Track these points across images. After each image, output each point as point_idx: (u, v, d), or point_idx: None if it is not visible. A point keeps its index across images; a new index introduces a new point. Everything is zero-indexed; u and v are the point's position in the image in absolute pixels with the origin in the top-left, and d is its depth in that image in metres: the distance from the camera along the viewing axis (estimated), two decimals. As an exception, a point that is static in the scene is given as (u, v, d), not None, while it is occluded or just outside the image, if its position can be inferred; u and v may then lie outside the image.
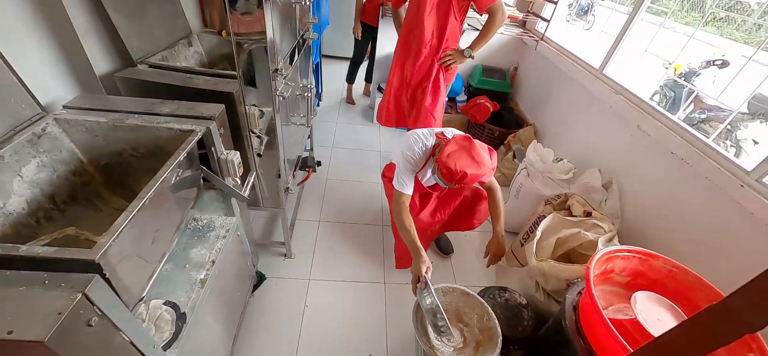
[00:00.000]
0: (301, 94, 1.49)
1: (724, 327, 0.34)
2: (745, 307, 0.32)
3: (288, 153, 1.49)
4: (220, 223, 1.24)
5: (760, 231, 1.21)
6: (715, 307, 0.36)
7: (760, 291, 0.31)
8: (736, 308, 0.33)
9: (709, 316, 0.36)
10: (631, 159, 1.83)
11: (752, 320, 0.31)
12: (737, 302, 0.33)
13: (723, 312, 0.35)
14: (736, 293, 0.34)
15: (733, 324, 0.33)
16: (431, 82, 2.00)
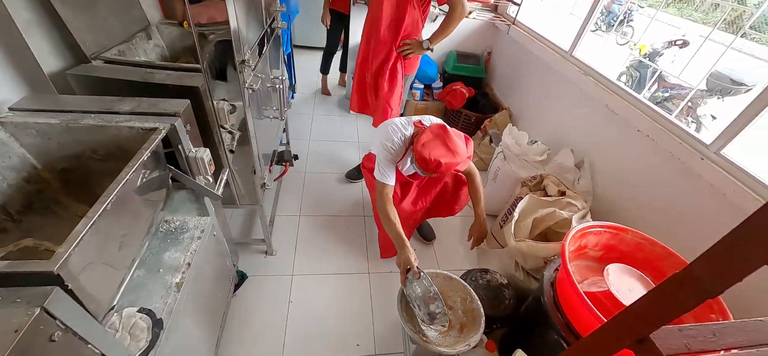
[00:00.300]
0: (272, 86, 1.45)
1: (687, 294, 0.35)
2: (705, 274, 0.34)
3: (262, 148, 1.45)
4: (194, 224, 1.19)
5: (719, 201, 1.28)
6: (678, 276, 0.37)
7: (718, 258, 0.33)
8: (697, 275, 0.35)
9: (673, 285, 0.37)
10: (601, 138, 1.90)
11: (712, 286, 0.32)
12: (698, 270, 0.35)
13: (686, 280, 0.36)
14: (696, 261, 0.35)
15: (695, 290, 0.34)
16: (388, 70, 1.98)
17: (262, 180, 1.43)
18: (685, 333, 0.43)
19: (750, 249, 0.29)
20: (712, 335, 0.41)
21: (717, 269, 0.32)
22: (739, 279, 0.29)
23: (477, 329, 1.32)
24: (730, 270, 0.30)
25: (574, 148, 2.02)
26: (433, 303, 1.30)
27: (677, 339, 0.42)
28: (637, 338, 0.42)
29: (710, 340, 0.40)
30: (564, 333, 1.15)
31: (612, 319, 0.46)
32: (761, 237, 0.28)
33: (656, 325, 0.39)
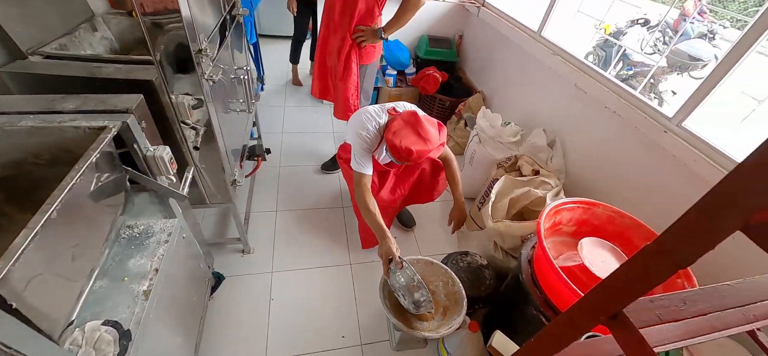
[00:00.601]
0: (237, 77, 1.37)
1: (659, 267, 0.35)
2: (676, 245, 0.33)
3: (230, 143, 1.38)
4: (161, 227, 1.12)
5: (681, 171, 1.34)
6: (649, 248, 0.37)
7: (687, 228, 0.32)
8: (667, 247, 0.34)
9: (644, 258, 0.37)
10: (571, 116, 1.94)
11: (683, 256, 0.32)
12: (668, 241, 0.34)
13: (656, 253, 0.36)
14: (666, 233, 0.35)
15: (666, 262, 0.34)
16: (344, 56, 1.92)
17: (232, 177, 1.37)
18: (657, 304, 0.43)
19: (719, 216, 0.28)
20: (682, 303, 0.42)
21: (687, 239, 0.32)
22: (710, 247, 0.29)
23: (459, 311, 1.34)
24: (701, 239, 0.30)
25: (546, 128, 2.06)
26: (417, 292, 1.30)
27: (649, 310, 0.43)
28: (611, 313, 0.42)
29: (681, 309, 0.41)
30: (542, 308, 1.18)
31: (586, 296, 0.46)
32: (730, 204, 0.27)
33: (629, 299, 0.39)
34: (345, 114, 2.05)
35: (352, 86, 2.01)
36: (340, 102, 2.06)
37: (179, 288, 1.26)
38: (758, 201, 0.25)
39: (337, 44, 1.89)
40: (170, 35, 0.86)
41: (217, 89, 1.18)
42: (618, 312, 0.41)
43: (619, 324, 0.40)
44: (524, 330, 1.29)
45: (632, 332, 0.38)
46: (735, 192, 0.27)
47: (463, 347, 1.37)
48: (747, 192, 0.26)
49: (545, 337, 0.54)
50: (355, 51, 1.90)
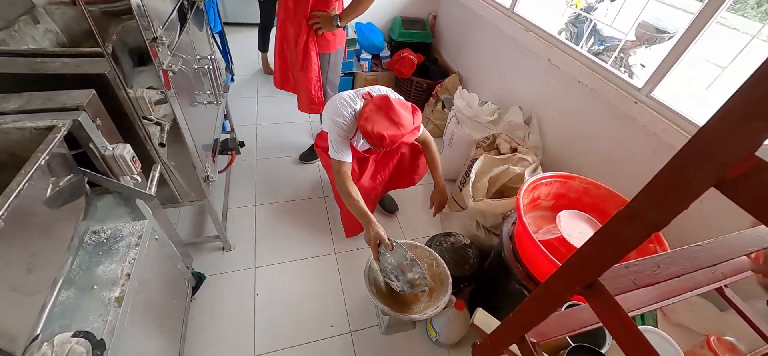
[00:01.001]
0: (201, 67, 1.29)
1: (633, 231, 0.35)
2: (647, 208, 0.33)
3: (200, 137, 1.32)
4: (130, 230, 1.06)
5: (652, 140, 1.38)
6: (622, 212, 0.36)
7: (659, 190, 0.32)
8: (640, 210, 0.34)
9: (618, 223, 0.37)
10: (545, 92, 1.96)
11: (657, 218, 0.32)
12: (641, 204, 0.34)
13: (629, 217, 0.36)
14: (639, 196, 0.35)
15: (640, 226, 0.34)
16: (302, 45, 1.82)
17: (204, 173, 1.31)
18: (632, 269, 0.44)
19: (692, 175, 0.28)
20: (656, 267, 0.43)
21: (659, 201, 0.32)
22: (684, 207, 0.28)
23: (445, 291, 1.35)
24: (673, 200, 0.29)
25: (522, 105, 2.08)
26: (410, 271, 1.29)
27: (624, 277, 0.43)
28: (586, 283, 0.42)
29: (655, 273, 0.42)
30: (524, 282, 1.21)
31: (562, 267, 0.46)
32: (703, 160, 0.27)
33: (604, 267, 0.39)
34: (309, 107, 1.97)
35: (313, 77, 1.89)
36: (303, 94, 1.95)
37: (156, 292, 1.21)
38: (732, 156, 0.24)
39: (294, 32, 1.78)
40: (120, 24, 0.79)
41: (180, 81, 1.12)
42: (593, 281, 0.41)
43: (594, 293, 0.40)
44: (508, 305, 1.32)
45: (607, 300, 0.38)
46: (708, 149, 0.26)
47: (450, 325, 1.39)
48: (720, 146, 0.25)
49: (524, 310, 0.54)
50: (312, 39, 1.79)
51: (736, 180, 0.25)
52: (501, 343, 0.61)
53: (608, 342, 1.00)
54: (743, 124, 0.23)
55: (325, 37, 1.82)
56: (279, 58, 2.01)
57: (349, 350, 1.48)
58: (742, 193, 0.25)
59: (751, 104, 0.22)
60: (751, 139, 0.23)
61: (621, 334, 0.36)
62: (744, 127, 0.23)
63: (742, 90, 0.23)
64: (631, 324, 0.35)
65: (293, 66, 1.94)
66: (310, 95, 1.92)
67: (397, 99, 1.40)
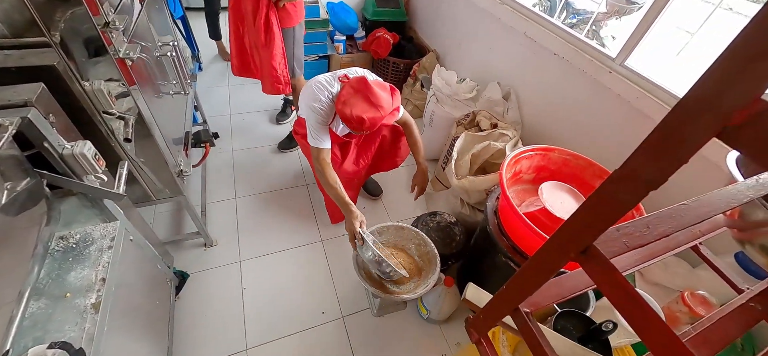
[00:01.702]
0: (163, 54, 1.20)
1: (628, 191, 0.34)
2: (644, 166, 0.33)
3: (169, 131, 1.24)
4: (101, 233, 1.00)
5: (626, 108, 1.42)
6: (616, 173, 0.36)
7: (655, 147, 0.31)
8: (635, 169, 0.33)
9: (612, 185, 0.36)
10: (522, 66, 1.97)
11: (652, 177, 0.31)
12: (636, 163, 0.33)
13: (624, 177, 0.35)
14: (634, 155, 0.34)
15: (635, 185, 0.33)
16: (262, 20, 1.71)
17: (177, 168, 1.25)
18: (623, 232, 0.44)
19: (692, 125, 0.27)
20: (645, 228, 0.43)
21: (657, 156, 0.31)
22: (683, 161, 0.28)
23: (434, 270, 1.36)
24: (672, 155, 0.29)
25: (500, 81, 2.08)
26: (381, 265, 1.30)
27: (616, 240, 0.43)
28: (581, 249, 0.41)
29: (645, 234, 0.42)
30: (510, 254, 1.24)
31: (554, 236, 0.46)
32: (705, 109, 0.26)
33: (600, 231, 0.39)
34: (274, 87, 1.87)
35: (278, 54, 1.80)
36: (267, 74, 1.85)
37: (137, 295, 1.17)
38: (736, 102, 0.23)
39: (251, 6, 1.67)
40: (67, 9, 0.71)
41: (142, 71, 1.04)
42: (588, 246, 0.41)
43: (589, 258, 0.40)
44: (495, 277, 1.35)
45: (604, 265, 0.38)
46: (710, 97, 0.25)
47: (440, 302, 1.41)
48: (724, 93, 0.24)
49: (518, 282, 0.55)
50: (273, 12, 1.70)
51: (741, 127, 0.24)
52: (495, 316, 0.62)
53: (592, 305, 1.04)
54: (748, 67, 0.22)
55: (285, 9, 1.74)
56: (235, 41, 1.90)
57: (342, 335, 1.48)
58: (747, 141, 0.24)
59: (757, 44, 0.21)
60: (756, 82, 0.22)
61: (618, 297, 0.36)
62: (749, 70, 0.22)
63: (745, 31, 0.22)
64: (628, 285, 0.35)
65: (254, 45, 1.84)
66: (275, 74, 1.83)
67: (375, 80, 1.37)
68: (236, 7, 1.76)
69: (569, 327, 0.88)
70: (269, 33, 1.73)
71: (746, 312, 0.50)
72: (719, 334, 0.47)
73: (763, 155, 0.23)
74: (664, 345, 0.32)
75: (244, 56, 1.95)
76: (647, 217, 0.45)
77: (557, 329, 0.88)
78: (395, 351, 1.46)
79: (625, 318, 0.36)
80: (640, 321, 0.34)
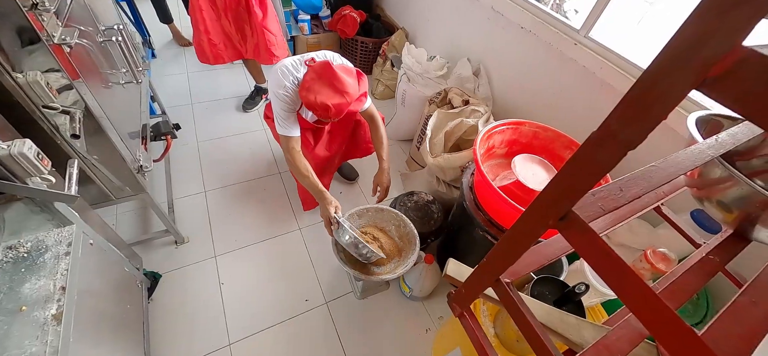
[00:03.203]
0: (107, 39, 1.09)
1: (607, 152, 0.34)
2: (622, 126, 0.32)
3: (123, 124, 1.15)
4: (55, 239, 0.92)
5: (591, 79, 1.46)
6: (594, 135, 0.35)
7: (633, 105, 0.31)
8: (613, 129, 0.33)
9: (590, 147, 0.36)
10: (491, 41, 1.98)
11: (631, 136, 0.31)
12: (614, 123, 0.33)
13: (602, 138, 0.34)
14: (612, 115, 0.33)
15: (614, 146, 0.33)
16: None
17: (136, 164, 1.16)
18: (598, 196, 0.45)
19: (670, 81, 0.27)
20: (619, 190, 0.44)
21: (635, 116, 0.30)
22: (662, 117, 0.27)
23: (414, 249, 1.38)
24: (651, 113, 0.29)
25: (470, 57, 2.09)
26: (358, 247, 1.29)
27: (592, 204, 0.44)
28: (560, 215, 0.42)
29: (619, 196, 0.43)
30: (487, 228, 1.26)
31: (532, 206, 0.46)
32: (681, 64, 0.25)
33: (579, 196, 0.39)
34: (272, 56, 1.92)
35: (273, 21, 1.85)
36: (264, 46, 1.88)
37: (104, 301, 1.10)
38: (717, 51, 0.23)
39: None
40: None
41: (84, 58, 0.94)
42: (567, 212, 0.41)
43: (569, 225, 0.40)
44: (474, 251, 1.39)
45: (584, 230, 0.38)
46: (689, 49, 0.25)
47: (422, 279, 1.44)
48: (703, 43, 0.24)
49: (498, 254, 0.56)
50: None
51: (720, 77, 0.24)
52: (477, 289, 0.63)
53: (565, 270, 1.09)
54: (729, 13, 0.22)
55: None
56: (214, 29, 1.83)
57: (327, 320, 1.48)
58: (727, 91, 0.24)
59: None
60: (737, 28, 0.22)
61: (600, 261, 0.37)
62: (730, 17, 0.22)
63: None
64: (609, 249, 0.36)
65: (243, 22, 1.84)
66: (273, 40, 1.88)
67: (341, 64, 1.31)
68: None
69: (545, 292, 0.92)
70: (262, 3, 1.77)
71: (706, 264, 0.54)
72: (684, 287, 0.50)
73: (744, 104, 0.23)
74: (644, 304, 0.33)
75: (227, 39, 1.92)
76: (620, 180, 0.46)
77: (534, 295, 0.91)
78: (381, 331, 1.48)
79: (606, 281, 0.37)
80: (620, 282, 0.35)
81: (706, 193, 0.58)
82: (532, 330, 0.49)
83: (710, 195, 0.57)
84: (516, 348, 0.94)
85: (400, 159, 2.26)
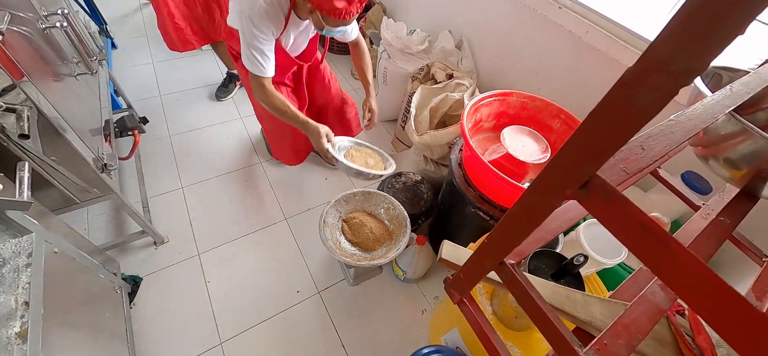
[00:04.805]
0: (51, 25, 0.96)
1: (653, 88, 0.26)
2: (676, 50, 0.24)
3: (81, 121, 1.04)
4: (13, 250, 0.84)
5: (577, 44, 1.43)
6: (634, 69, 0.27)
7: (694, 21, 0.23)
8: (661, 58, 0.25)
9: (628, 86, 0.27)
10: (472, 11, 1.91)
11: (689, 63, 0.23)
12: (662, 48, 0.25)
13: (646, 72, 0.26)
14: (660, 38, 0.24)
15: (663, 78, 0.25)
16: None
17: (100, 163, 1.06)
18: (619, 157, 0.40)
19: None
20: (640, 149, 0.40)
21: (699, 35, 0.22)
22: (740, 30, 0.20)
23: (405, 231, 1.34)
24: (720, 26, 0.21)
25: (451, 29, 2.02)
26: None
27: (615, 167, 0.38)
28: (581, 182, 0.36)
29: (641, 156, 0.39)
30: (479, 204, 1.24)
31: (544, 172, 0.40)
32: None
33: (606, 156, 0.32)
34: None
35: None
36: None
37: (78, 312, 1.03)
38: None
39: None
40: None
41: (25, 48, 0.83)
42: (590, 177, 0.35)
43: (592, 193, 0.35)
44: (466, 229, 1.37)
45: (613, 198, 0.32)
46: None
47: (415, 261, 1.41)
48: None
49: (501, 233, 0.51)
50: None
51: None
52: (477, 273, 0.59)
53: (561, 242, 1.08)
54: None
55: None
56: (176, 10, 1.72)
57: (320, 310, 1.45)
58: None
59: None
60: None
61: (634, 234, 0.31)
62: None
63: None
64: (647, 219, 0.31)
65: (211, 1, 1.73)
66: None
67: None
68: None
69: (542, 266, 0.90)
70: None
71: (717, 227, 0.52)
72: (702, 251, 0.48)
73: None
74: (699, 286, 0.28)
75: (196, 21, 1.79)
76: (638, 138, 0.41)
77: (531, 270, 0.90)
78: (376, 316, 1.45)
79: (643, 258, 0.32)
80: (661, 259, 0.30)
81: (712, 151, 0.55)
82: (542, 313, 0.45)
83: (717, 153, 0.54)
84: (514, 324, 0.92)
85: (386, 140, 2.20)
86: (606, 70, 1.36)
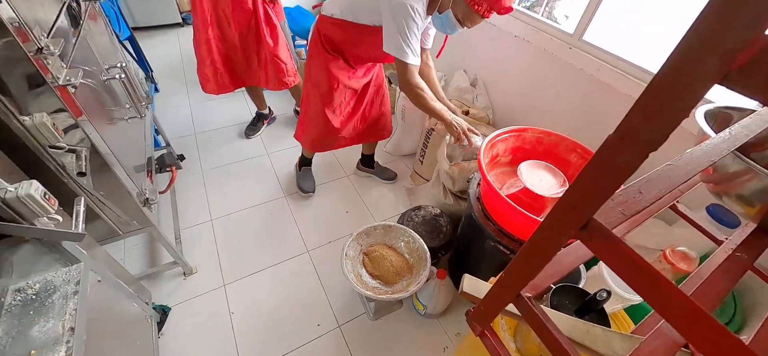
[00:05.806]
0: (111, 78, 1.10)
1: (627, 154, 0.32)
2: (642, 124, 0.30)
3: (129, 158, 1.15)
4: (63, 279, 0.91)
5: (588, 81, 1.47)
6: (612, 138, 0.33)
7: (654, 102, 0.29)
8: (633, 129, 0.31)
9: (608, 150, 0.34)
10: (486, 51, 2.00)
11: (652, 136, 0.30)
12: (634, 122, 0.31)
13: (622, 139, 0.32)
14: (630, 114, 0.31)
15: (634, 147, 0.31)
16: (263, 22, 1.79)
17: (143, 197, 1.16)
18: (617, 201, 0.43)
19: (686, 79, 0.25)
20: (638, 193, 0.43)
21: (657, 111, 0.28)
22: (685, 114, 0.26)
23: (425, 265, 1.35)
24: (674, 109, 0.27)
25: (466, 68, 2.10)
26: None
27: (613, 210, 0.42)
28: (581, 224, 0.40)
29: (639, 198, 0.42)
30: (498, 238, 1.24)
31: (551, 213, 0.44)
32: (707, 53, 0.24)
33: (599, 203, 0.37)
34: (281, 82, 1.98)
35: (283, 47, 1.91)
36: (272, 72, 1.95)
37: (113, 339, 1.08)
38: (739, 41, 0.22)
39: (246, 16, 1.75)
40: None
41: (89, 98, 0.95)
42: (588, 220, 0.40)
43: (591, 233, 0.39)
44: (486, 263, 1.36)
45: (608, 238, 0.37)
46: (710, 39, 0.23)
47: (436, 295, 1.40)
48: (725, 32, 0.22)
49: (517, 268, 0.54)
50: (269, 7, 1.80)
51: (745, 68, 0.23)
52: (496, 306, 0.61)
53: (584, 277, 1.06)
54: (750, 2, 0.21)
55: (277, 4, 1.85)
56: (223, 59, 1.90)
57: (340, 344, 1.45)
58: (753, 81, 0.23)
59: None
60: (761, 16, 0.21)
61: (627, 269, 0.35)
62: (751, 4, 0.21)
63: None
64: (637, 256, 0.34)
65: (251, 51, 1.90)
66: (283, 67, 1.95)
67: None
68: (217, 25, 1.77)
69: (565, 302, 0.89)
70: (272, 28, 1.83)
71: (734, 262, 0.52)
72: (715, 288, 0.48)
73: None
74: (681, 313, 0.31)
75: (232, 68, 1.97)
76: (637, 182, 0.45)
77: (553, 305, 0.88)
78: (396, 352, 1.44)
79: (637, 290, 0.35)
80: (652, 290, 0.33)
81: (724, 188, 0.56)
82: (560, 346, 0.46)
83: (729, 190, 0.55)
84: (538, 361, 0.90)
85: (404, 174, 2.25)
86: (620, 106, 1.38)
